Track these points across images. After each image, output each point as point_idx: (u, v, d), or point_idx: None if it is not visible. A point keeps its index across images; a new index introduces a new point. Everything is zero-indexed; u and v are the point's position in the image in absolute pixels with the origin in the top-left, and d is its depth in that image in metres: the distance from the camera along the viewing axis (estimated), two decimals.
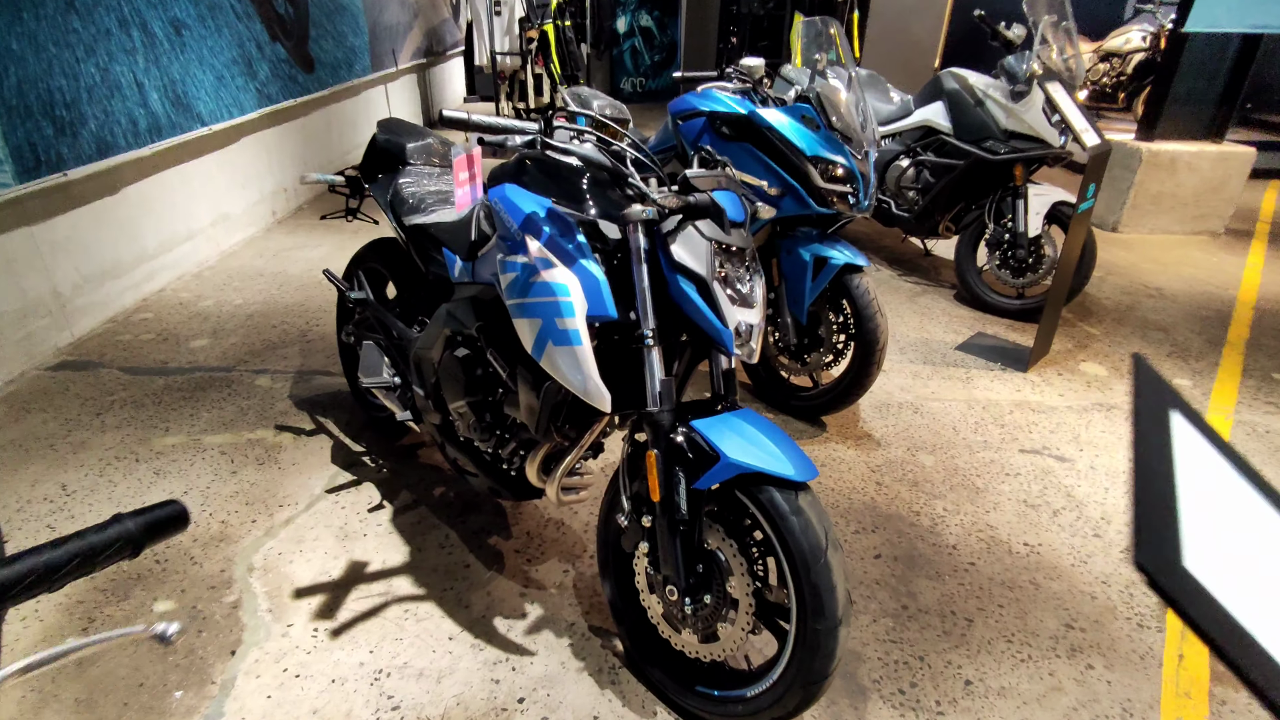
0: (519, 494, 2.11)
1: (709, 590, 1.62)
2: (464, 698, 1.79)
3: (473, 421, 2.02)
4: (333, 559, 2.22)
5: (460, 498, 2.52)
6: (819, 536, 1.47)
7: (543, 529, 2.39)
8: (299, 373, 3.29)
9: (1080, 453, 2.88)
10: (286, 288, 4.21)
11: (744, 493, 1.54)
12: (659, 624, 1.76)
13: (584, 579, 2.18)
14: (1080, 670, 1.93)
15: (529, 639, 1.97)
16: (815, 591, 1.45)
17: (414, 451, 2.78)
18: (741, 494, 1.55)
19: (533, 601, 2.09)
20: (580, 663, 1.90)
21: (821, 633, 1.46)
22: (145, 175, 3.96)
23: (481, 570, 2.20)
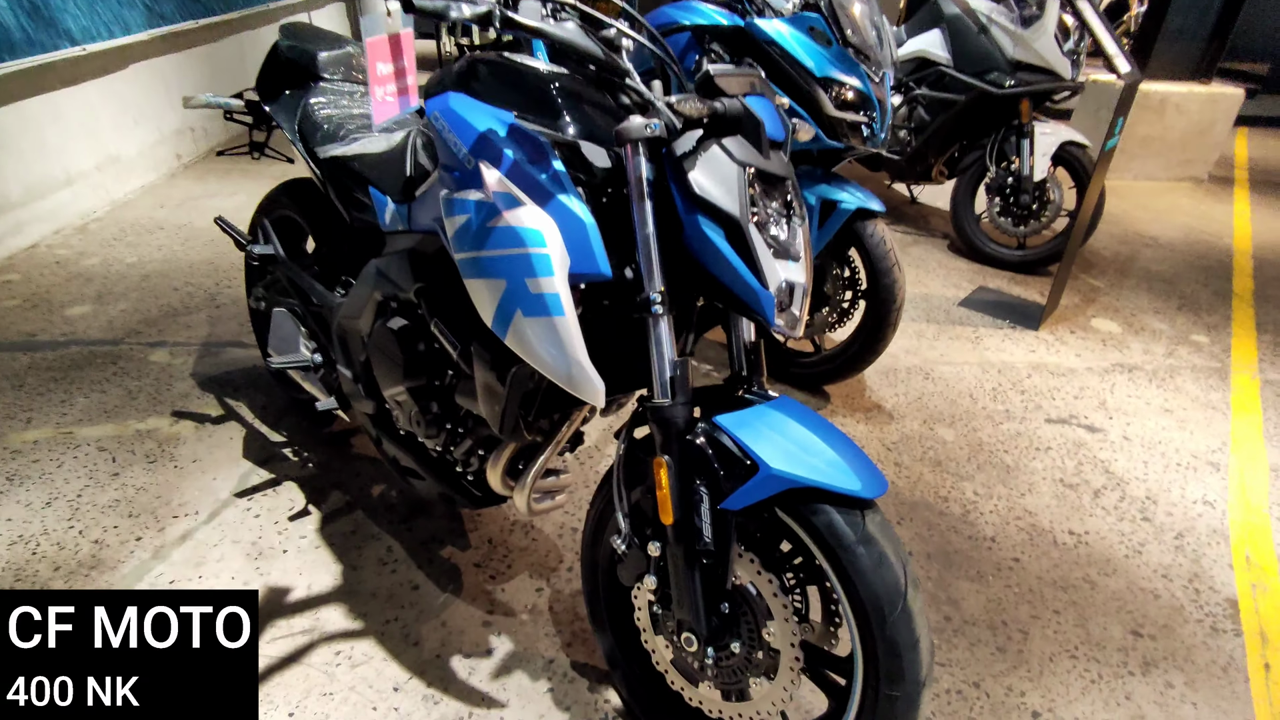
0: (477, 501, 1.67)
1: (738, 637, 1.23)
2: None
3: (415, 413, 1.56)
4: (242, 585, 1.75)
5: (405, 498, 2.07)
6: (896, 574, 1.09)
7: (507, 535, 1.96)
8: (205, 345, 2.74)
9: (1110, 421, 2.58)
10: (193, 243, 3.59)
11: (790, 513, 1.14)
12: (668, 672, 1.36)
13: (562, 599, 1.78)
14: (1159, 690, 1.62)
15: (497, 685, 1.56)
16: (892, 648, 1.07)
17: (348, 440, 2.30)
18: (786, 514, 1.15)
19: (499, 633, 1.68)
20: (563, 716, 1.50)
21: (899, 700, 1.09)
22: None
23: (433, 593, 1.77)
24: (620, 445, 1.31)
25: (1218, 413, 2.67)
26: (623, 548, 1.28)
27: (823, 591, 1.23)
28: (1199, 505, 2.20)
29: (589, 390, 1.14)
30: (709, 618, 1.21)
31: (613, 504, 1.30)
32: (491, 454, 1.49)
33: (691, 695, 1.34)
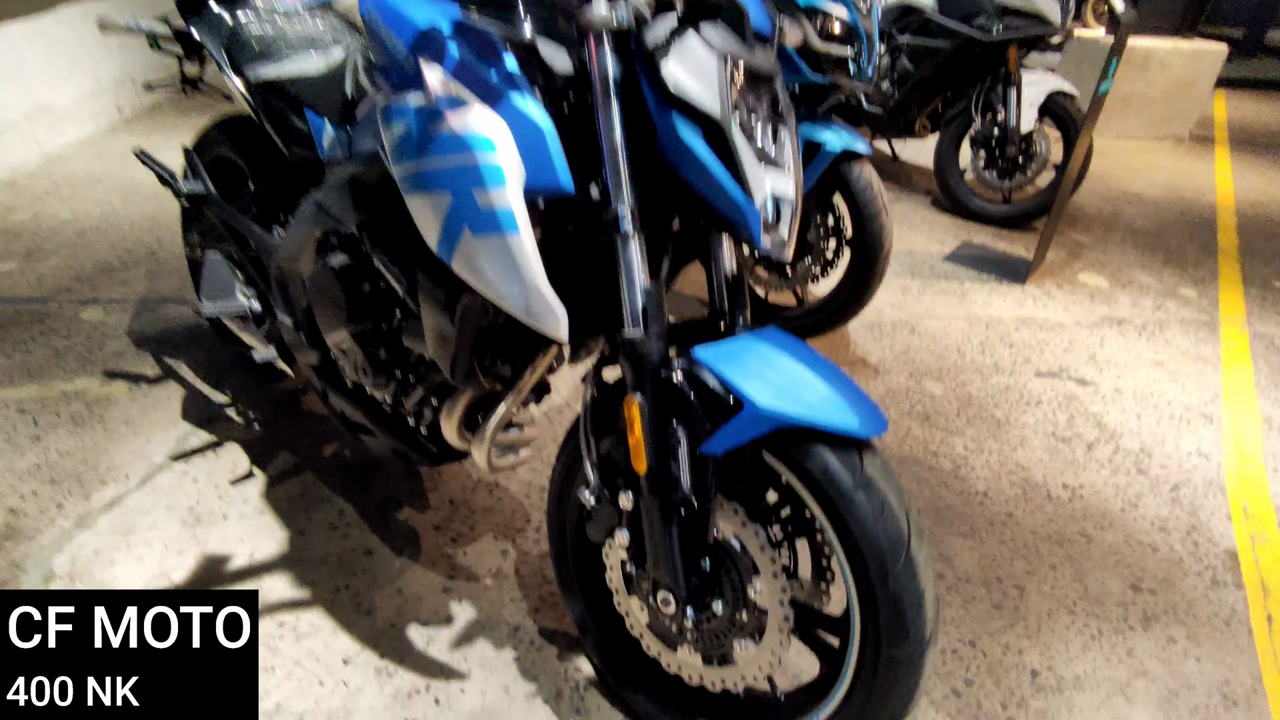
0: (434, 457, 1.52)
1: (720, 596, 1.10)
2: None
3: (361, 361, 1.40)
4: (176, 554, 1.60)
5: (360, 458, 1.91)
6: (898, 522, 0.96)
7: (470, 495, 1.82)
8: (144, 301, 2.53)
9: (1101, 375, 2.50)
10: (134, 198, 3.35)
11: (779, 456, 1.01)
12: (643, 637, 1.24)
13: (529, 562, 1.64)
14: (1162, 646, 1.54)
15: (457, 655, 1.43)
16: (894, 604, 0.95)
17: (297, 398, 2.13)
18: (774, 458, 1.02)
19: (461, 599, 1.54)
20: (530, 686, 1.38)
21: (901, 661, 0.97)
22: None
23: (388, 558, 1.63)
24: (588, 389, 1.17)
25: (1208, 365, 2.59)
26: (591, 501, 1.15)
27: (814, 545, 1.11)
28: (1194, 457, 2.12)
29: (549, 321, 0.99)
30: (688, 576, 1.08)
31: (580, 454, 1.16)
32: (445, 404, 1.34)
33: (669, 661, 1.22)
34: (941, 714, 1.37)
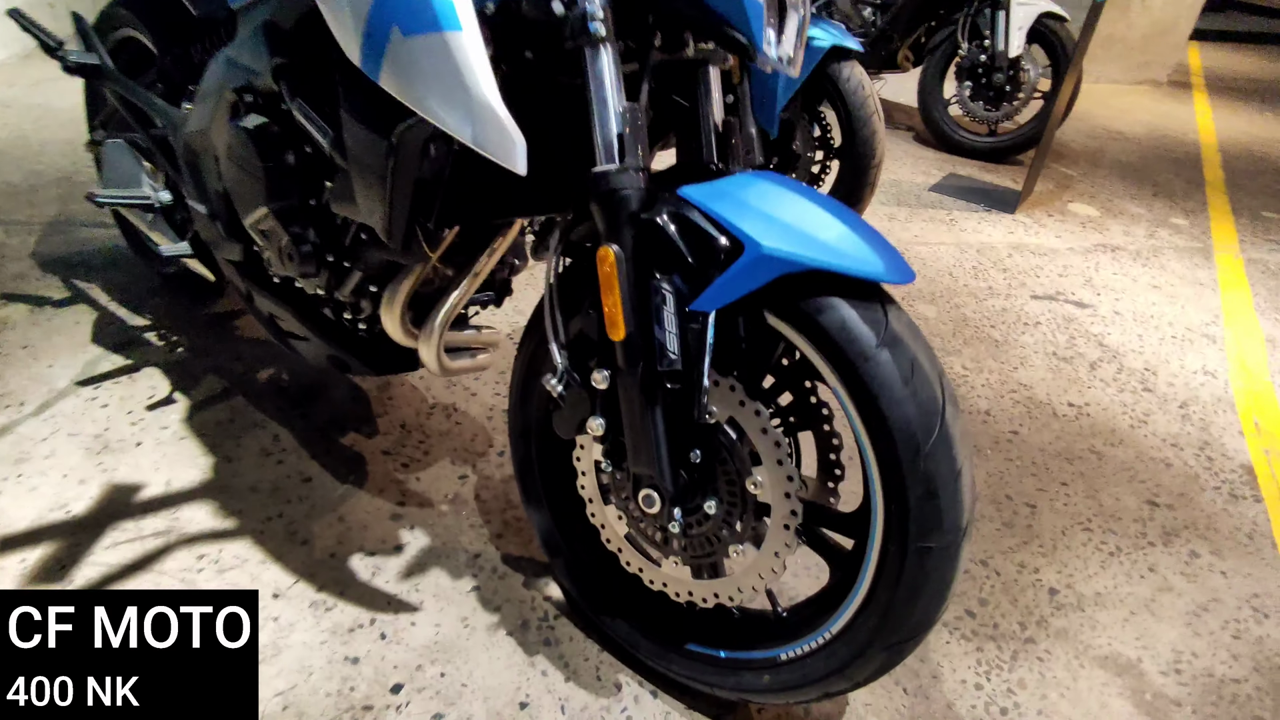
0: (377, 363, 1.32)
1: (713, 494, 0.93)
2: (296, 697, 1.05)
3: (286, 245, 1.19)
4: (77, 484, 1.38)
5: (300, 381, 1.70)
6: (931, 387, 0.80)
7: (425, 419, 1.62)
8: (52, 224, 2.26)
9: (1099, 297, 2.37)
10: (48, 123, 3.02)
11: (786, 316, 0.83)
12: (622, 551, 1.07)
13: (492, 486, 1.46)
14: (1184, 561, 1.42)
15: (407, 585, 1.24)
16: (927, 485, 0.79)
17: (229, 321, 1.90)
18: (780, 319, 0.84)
19: (412, 526, 1.36)
20: (492, 617, 1.20)
21: (934, 553, 0.81)
22: None
23: (330, 484, 1.43)
24: (553, 253, 0.97)
25: (1206, 289, 2.49)
26: (559, 388, 0.96)
27: (820, 437, 0.94)
28: (1200, 375, 2.01)
29: (502, 144, 0.79)
30: (674, 469, 0.91)
31: (547, 333, 0.97)
32: (387, 290, 1.14)
33: (652, 577, 1.04)
34: (956, 636, 1.23)
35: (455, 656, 1.13)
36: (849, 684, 0.90)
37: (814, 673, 0.92)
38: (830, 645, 0.91)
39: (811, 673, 0.93)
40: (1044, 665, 1.19)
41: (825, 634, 0.92)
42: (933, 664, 1.18)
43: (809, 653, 0.93)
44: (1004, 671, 1.18)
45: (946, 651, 1.20)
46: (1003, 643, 1.23)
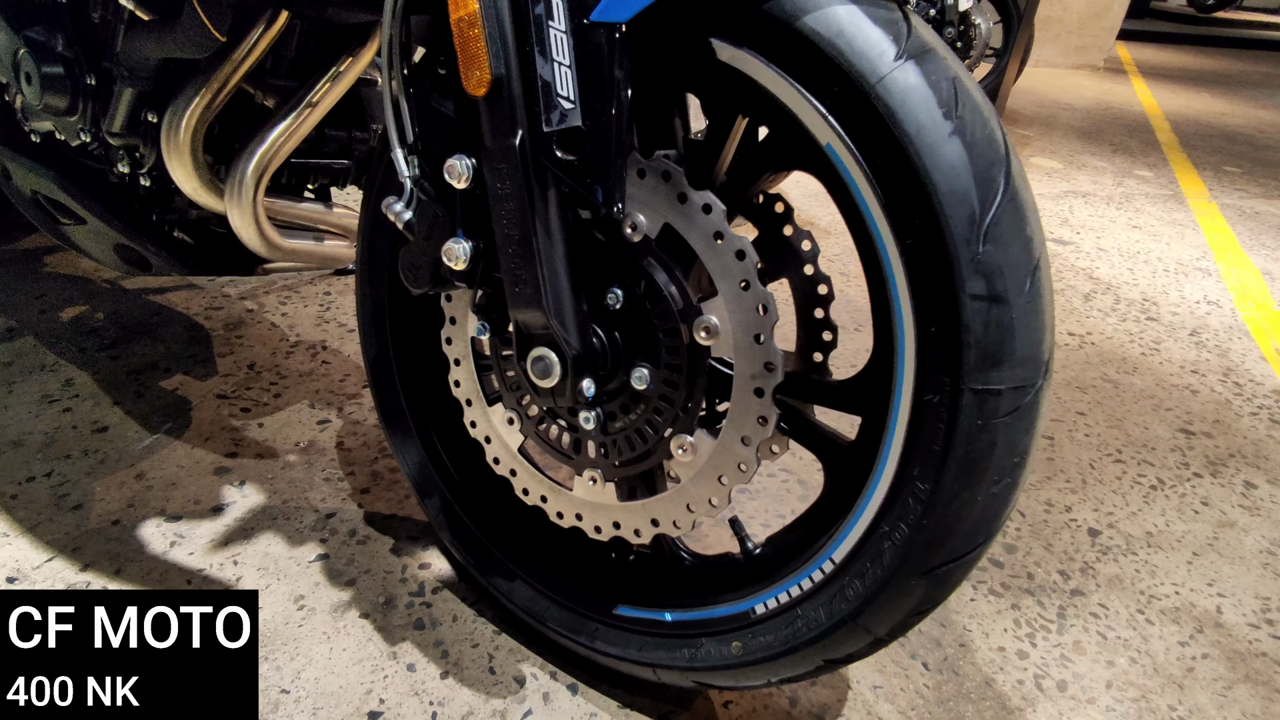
0: (185, 252, 0.95)
1: (643, 355, 0.60)
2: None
3: (24, 60, 0.81)
4: None
5: (119, 322, 1.30)
6: (987, 125, 0.49)
7: (282, 358, 1.25)
8: None
9: (1078, 236, 2.15)
10: None
11: (743, 37, 0.51)
12: (515, 475, 0.72)
13: (362, 433, 1.10)
14: (1239, 493, 1.15)
15: (221, 558, 0.87)
16: (989, 284, 0.47)
17: (39, 258, 1.49)
18: (732, 43, 0.52)
19: (242, 482, 0.98)
20: (340, 594, 0.83)
21: (1000, 401, 0.49)
22: None
23: (133, 435, 1.05)
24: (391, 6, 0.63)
25: (1187, 228, 2.30)
26: (405, 213, 0.61)
27: (797, 281, 0.62)
28: (1204, 305, 1.78)
29: None
30: (578, 309, 0.57)
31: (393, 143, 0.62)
32: (167, 111, 0.78)
33: (560, 508, 0.70)
34: (982, 591, 0.92)
35: (278, 650, 0.76)
36: (865, 639, 0.57)
37: (808, 628, 0.59)
38: (832, 582, 0.58)
39: (804, 629, 0.59)
40: (1102, 623, 0.89)
41: (823, 566, 0.58)
42: (957, 628, 0.86)
43: (799, 598, 0.60)
44: (1052, 634, 0.87)
45: (972, 611, 0.89)
46: (1044, 597, 0.92)
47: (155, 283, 1.43)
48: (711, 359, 0.59)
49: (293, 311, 1.38)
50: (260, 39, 0.74)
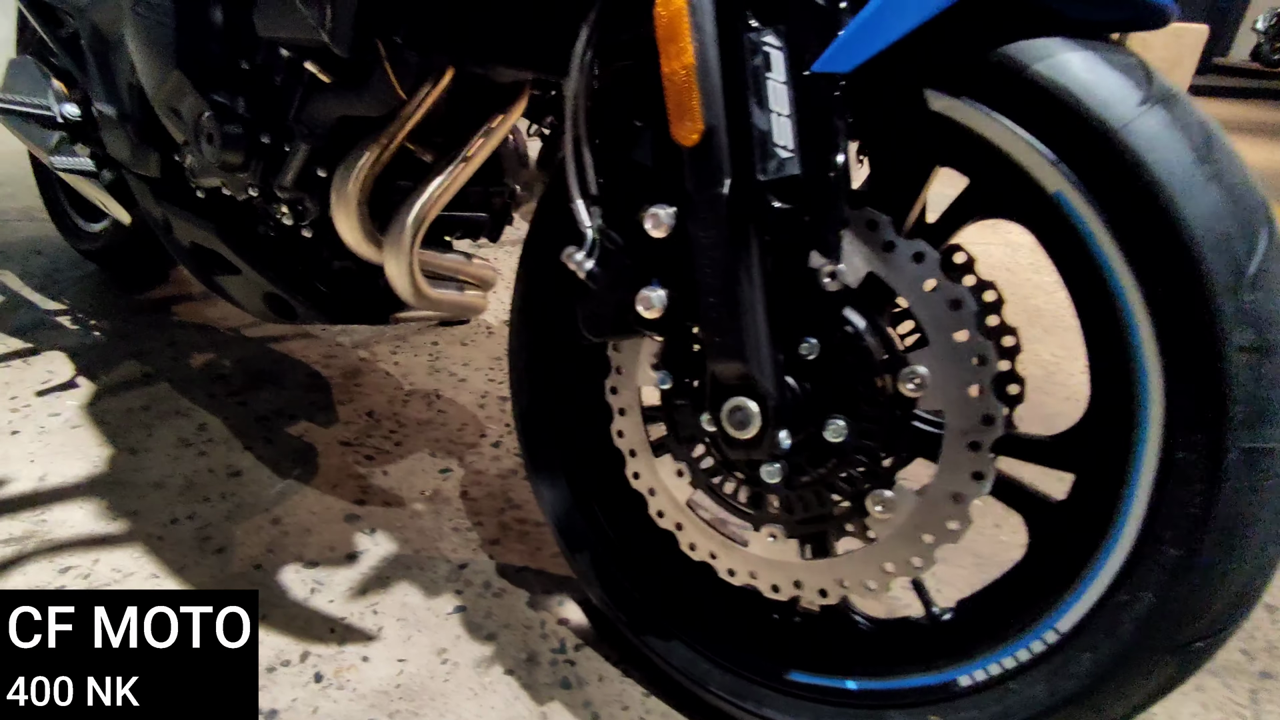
0: (330, 303, 0.98)
1: (840, 407, 0.58)
2: None
3: (206, 120, 0.87)
4: None
5: (245, 368, 1.35)
6: (1240, 171, 0.47)
7: (399, 406, 1.26)
8: None
9: None
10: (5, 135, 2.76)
11: (962, 86, 0.51)
12: (682, 529, 0.70)
13: (485, 482, 1.09)
14: None
15: (360, 607, 0.86)
16: (1258, 332, 0.44)
17: (165, 307, 1.56)
18: (949, 94, 0.52)
19: (374, 529, 0.98)
20: (483, 649, 0.81)
21: (1272, 461, 0.45)
22: None
23: (265, 479, 1.06)
24: (580, 57, 0.65)
25: None
26: (588, 263, 0.62)
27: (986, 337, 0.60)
28: None
29: None
30: (776, 363, 0.56)
31: (564, 183, 0.64)
32: (339, 168, 0.81)
33: (734, 566, 0.67)
34: None
35: (427, 706, 0.74)
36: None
37: (1023, 706, 0.55)
38: (1055, 655, 0.54)
39: (1018, 707, 0.55)
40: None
41: (1044, 637, 0.54)
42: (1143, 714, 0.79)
43: (1013, 670, 0.56)
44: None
45: None
46: (1229, 679, 0.84)
47: (275, 331, 1.48)
48: (915, 410, 0.56)
49: (404, 361, 1.41)
50: (427, 97, 0.77)
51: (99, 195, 1.17)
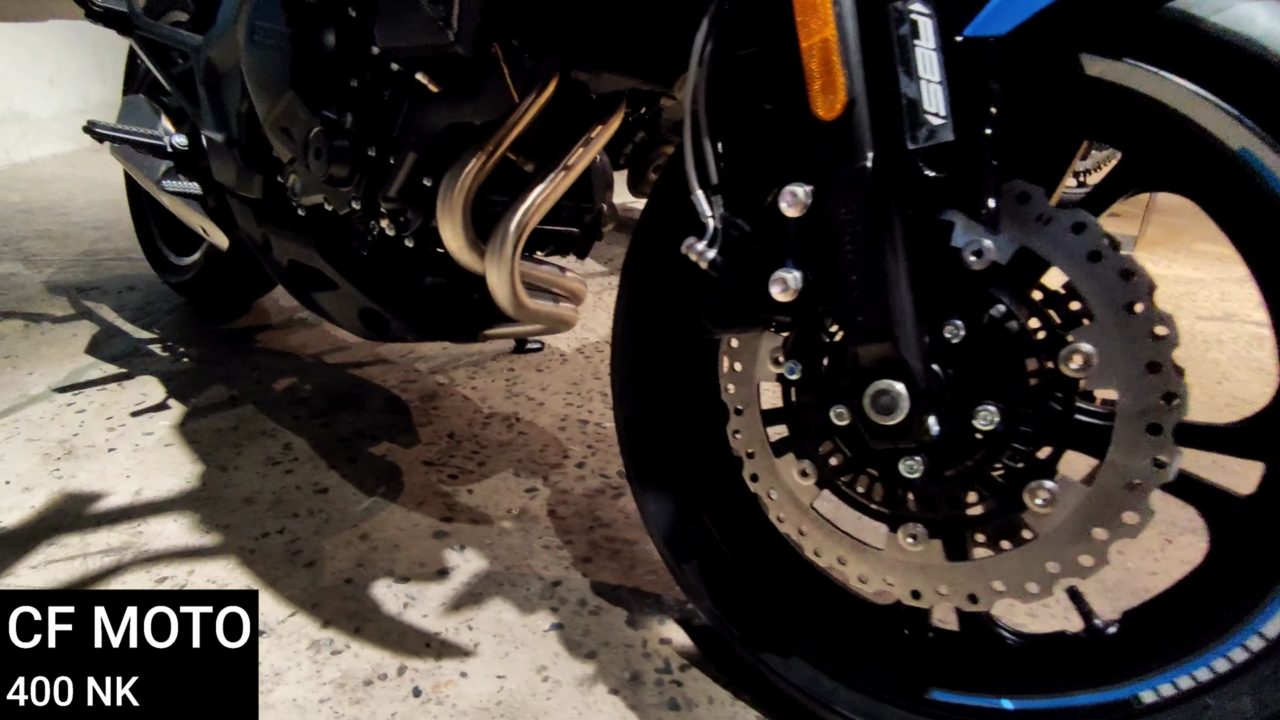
0: (424, 319, 0.99)
1: (999, 393, 0.54)
2: None
3: (315, 136, 0.89)
4: (19, 493, 1.02)
5: (324, 392, 1.36)
6: None
7: (479, 428, 1.25)
8: (77, 259, 2.05)
9: None
10: (95, 191, 2.94)
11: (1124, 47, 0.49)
12: (805, 535, 0.66)
13: (571, 501, 1.06)
14: None
15: (455, 623, 0.83)
16: None
17: (248, 336, 1.60)
18: (1109, 56, 0.49)
19: (463, 546, 0.96)
20: (584, 667, 0.77)
21: None
22: None
23: (351, 496, 1.05)
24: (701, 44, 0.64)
25: None
26: (711, 253, 0.60)
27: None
28: None
29: None
30: (926, 345, 0.53)
31: (670, 184, 0.63)
32: (446, 176, 0.82)
33: (865, 572, 0.63)
34: None
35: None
36: None
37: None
38: (1263, 663, 0.48)
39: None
40: None
41: (1246, 643, 0.48)
42: None
43: (1208, 683, 0.50)
44: None
45: None
46: None
47: (353, 358, 1.50)
48: (1081, 391, 0.52)
49: (481, 385, 1.41)
50: (533, 104, 0.78)
51: (200, 221, 1.21)
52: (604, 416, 1.30)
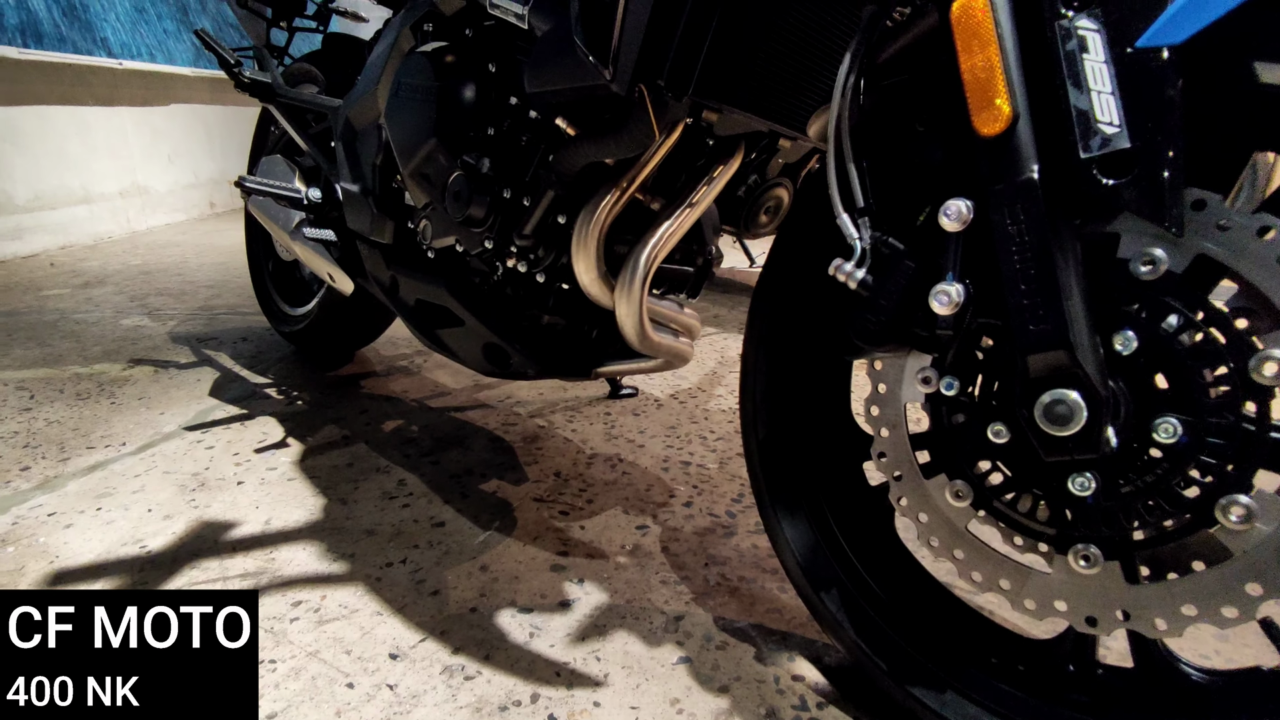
0: (544, 356, 1.02)
1: (1181, 405, 0.53)
2: None
3: (455, 180, 0.96)
4: (161, 519, 1.08)
5: (431, 433, 1.40)
6: None
7: (584, 468, 1.27)
8: (195, 313, 2.20)
9: None
10: (209, 254, 3.17)
11: None
12: (962, 557, 0.64)
13: (683, 539, 1.06)
14: None
15: (583, 653, 0.83)
16: None
17: (356, 381, 1.67)
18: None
19: (582, 580, 0.96)
20: (717, 701, 0.75)
21: None
22: (14, 99, 2.98)
23: (468, 530, 1.07)
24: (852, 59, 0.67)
25: None
26: (859, 272, 0.62)
27: None
28: None
29: None
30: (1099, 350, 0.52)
31: (813, 202, 0.65)
32: (582, 212, 0.86)
33: (1030, 596, 0.60)
34: None
35: None
36: None
37: None
38: None
39: None
40: None
41: None
42: None
43: None
44: None
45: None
46: None
47: (454, 402, 1.55)
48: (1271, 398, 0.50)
49: (581, 428, 1.43)
50: (664, 143, 0.82)
51: (328, 267, 1.29)
52: (705, 459, 1.30)
